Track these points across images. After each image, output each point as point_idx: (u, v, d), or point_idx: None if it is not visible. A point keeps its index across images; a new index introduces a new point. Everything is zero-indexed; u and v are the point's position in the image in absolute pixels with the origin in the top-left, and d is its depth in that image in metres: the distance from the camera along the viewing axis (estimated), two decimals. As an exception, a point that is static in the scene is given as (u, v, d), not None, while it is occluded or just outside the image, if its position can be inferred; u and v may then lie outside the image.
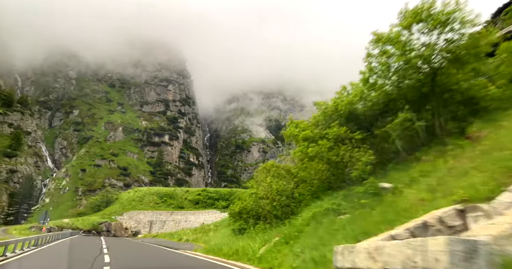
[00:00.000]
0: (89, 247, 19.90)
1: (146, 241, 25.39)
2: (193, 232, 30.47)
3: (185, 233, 30.99)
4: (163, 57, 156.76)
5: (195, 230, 30.51)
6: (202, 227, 32.06)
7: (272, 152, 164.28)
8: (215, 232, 25.01)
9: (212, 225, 31.30)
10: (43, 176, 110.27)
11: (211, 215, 59.49)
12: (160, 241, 25.44)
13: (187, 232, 31.75)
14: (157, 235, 37.72)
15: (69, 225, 47.12)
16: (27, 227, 44.25)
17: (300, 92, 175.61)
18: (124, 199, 62.19)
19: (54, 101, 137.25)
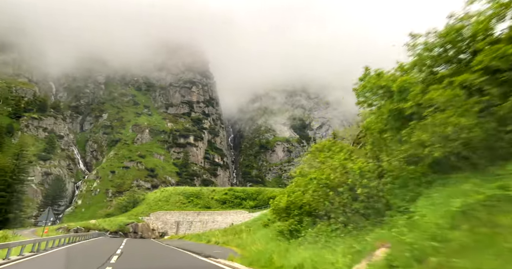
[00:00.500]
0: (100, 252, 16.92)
1: (172, 244, 22.14)
2: (222, 233, 27.06)
3: (214, 235, 27.64)
4: (186, 59, 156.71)
5: (225, 231, 27.08)
6: (233, 227, 28.57)
7: (297, 151, 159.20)
8: (249, 234, 21.43)
9: (242, 225, 27.74)
10: (76, 179, 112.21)
11: (239, 216, 56.17)
12: (187, 244, 22.14)
13: (215, 233, 28.39)
14: (184, 237, 34.79)
15: (95, 226, 45.41)
16: (55, 228, 42.85)
17: (324, 89, 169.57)
18: (151, 199, 60.32)
19: (85, 106, 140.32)
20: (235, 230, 25.22)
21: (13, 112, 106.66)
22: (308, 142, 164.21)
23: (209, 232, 30.80)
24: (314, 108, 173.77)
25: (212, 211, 58.45)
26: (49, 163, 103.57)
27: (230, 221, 55.77)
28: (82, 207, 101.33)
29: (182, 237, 34.65)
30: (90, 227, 44.91)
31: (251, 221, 30.21)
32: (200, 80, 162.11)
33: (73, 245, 20.72)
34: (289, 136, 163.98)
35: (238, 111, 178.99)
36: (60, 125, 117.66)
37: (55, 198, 51.72)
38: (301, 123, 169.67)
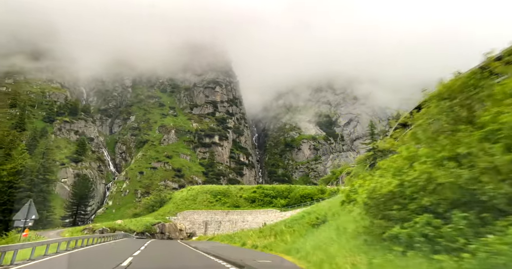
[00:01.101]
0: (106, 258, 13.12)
1: (200, 247, 17.90)
2: (258, 234, 22.59)
3: (248, 236, 23.26)
4: (209, 59, 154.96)
5: (261, 232, 22.60)
6: (269, 228, 24.00)
7: (324, 149, 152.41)
8: (294, 236, 16.81)
9: (282, 225, 23.08)
10: (106, 180, 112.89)
11: (270, 215, 51.58)
12: (219, 248, 17.86)
13: (249, 234, 23.99)
14: (213, 238, 30.75)
15: (121, 226, 42.56)
16: (81, 228, 40.43)
17: (351, 84, 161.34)
18: (178, 198, 57.19)
19: (113, 109, 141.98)
20: (273, 231, 20.67)
21: (47, 116, 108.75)
22: (336, 139, 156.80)
23: (241, 233, 26.44)
24: (341, 104, 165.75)
25: (241, 210, 54.29)
26: (81, 165, 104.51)
27: (261, 220, 51.28)
28: (113, 208, 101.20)
29: (212, 238, 30.63)
30: (116, 228, 42.14)
31: (289, 220, 25.50)
32: (223, 79, 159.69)
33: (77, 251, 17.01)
34: (315, 134, 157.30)
35: (262, 109, 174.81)
36: (90, 127, 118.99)
37: (82, 198, 49.99)
38: (328, 120, 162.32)
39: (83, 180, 55.24)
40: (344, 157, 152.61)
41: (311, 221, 17.90)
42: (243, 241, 20.71)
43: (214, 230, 51.56)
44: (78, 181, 57.14)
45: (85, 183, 53.20)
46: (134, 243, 25.35)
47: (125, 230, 42.86)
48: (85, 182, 53.89)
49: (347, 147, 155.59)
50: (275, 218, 50.25)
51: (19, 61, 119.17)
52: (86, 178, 57.64)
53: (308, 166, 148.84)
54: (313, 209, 24.88)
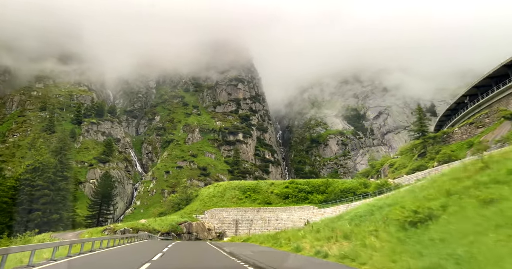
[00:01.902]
0: None
1: (240, 254, 12.12)
2: (313, 235, 16.44)
3: (299, 237, 17.28)
4: (231, 57, 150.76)
5: (318, 232, 16.51)
6: (326, 226, 17.81)
7: (353, 144, 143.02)
8: (383, 240, 10.56)
9: (343, 223, 16.85)
10: (134, 180, 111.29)
11: (307, 212, 45.19)
12: (266, 255, 12.22)
13: (300, 234, 17.95)
14: (249, 239, 24.97)
15: (145, 226, 37.92)
16: (101, 229, 36.19)
17: (379, 74, 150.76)
18: (204, 195, 52.15)
19: (139, 110, 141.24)
20: (337, 231, 14.47)
21: (75, 118, 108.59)
22: (365, 133, 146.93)
23: (287, 233, 20.41)
24: (369, 96, 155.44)
25: (274, 207, 48.28)
26: (108, 165, 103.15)
27: (297, 218, 45.02)
28: (141, 208, 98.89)
29: (247, 239, 24.85)
30: (139, 228, 37.52)
31: (349, 216, 19.17)
32: (246, 76, 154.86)
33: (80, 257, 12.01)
34: (343, 128, 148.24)
35: (285, 106, 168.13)
36: (116, 128, 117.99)
37: (105, 197, 46.35)
38: (355, 113, 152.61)
39: (106, 178, 51.56)
40: (375, 151, 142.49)
41: (405, 217, 11.62)
42: (296, 245, 14.71)
43: (245, 229, 45.91)
44: (101, 179, 53.60)
45: (107, 181, 49.53)
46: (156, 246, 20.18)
47: (149, 230, 38.17)
48: (108, 180, 50.25)
49: (378, 141, 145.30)
50: (313, 216, 43.80)
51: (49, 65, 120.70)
52: (109, 176, 53.97)
53: (336, 162, 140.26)
54: (384, 201, 18.37)
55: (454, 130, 46.73)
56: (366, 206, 19.21)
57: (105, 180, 49.94)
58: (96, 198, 47.67)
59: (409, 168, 46.91)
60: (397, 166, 53.19)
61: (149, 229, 38.15)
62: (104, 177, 53.20)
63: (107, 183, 48.51)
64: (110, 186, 48.93)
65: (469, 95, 50.45)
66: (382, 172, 56.88)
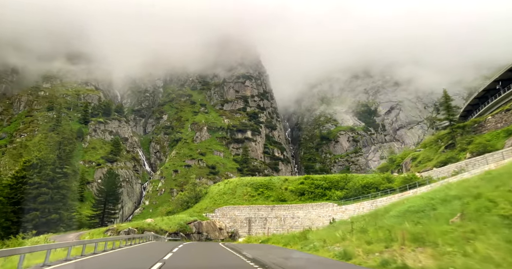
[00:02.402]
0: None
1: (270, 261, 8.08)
2: (356, 235, 12.56)
3: (333, 238, 13.45)
4: (237, 54, 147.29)
5: (363, 232, 12.62)
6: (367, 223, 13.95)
7: (365, 140, 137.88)
8: (480, 243, 6.67)
9: (400, 220, 12.93)
10: (142, 180, 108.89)
11: (327, 209, 41.19)
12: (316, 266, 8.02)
13: (333, 235, 14.08)
14: (268, 239, 21.09)
15: (151, 226, 34.51)
16: (103, 230, 32.90)
17: (390, 68, 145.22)
18: (214, 192, 48.61)
19: (146, 109, 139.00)
20: (388, 232, 10.59)
21: (82, 117, 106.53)
22: (376, 129, 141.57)
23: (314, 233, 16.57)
24: (380, 91, 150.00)
25: (289, 204, 44.43)
26: (116, 165, 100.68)
27: (315, 216, 41.07)
28: (150, 208, 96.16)
29: (267, 240, 20.98)
30: (144, 228, 34.14)
31: (396, 212, 15.25)
32: (253, 73, 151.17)
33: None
34: (353, 125, 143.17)
35: (294, 103, 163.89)
36: (124, 127, 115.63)
37: (109, 195, 43.17)
38: (366, 109, 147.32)
39: (110, 176, 48.26)
40: (387, 147, 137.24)
41: None
42: (342, 250, 10.87)
43: (259, 228, 42.17)
44: (105, 177, 50.27)
45: (112, 178, 46.31)
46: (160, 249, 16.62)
47: (156, 230, 34.76)
48: (112, 178, 47.02)
49: (390, 137, 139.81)
50: (333, 213, 39.80)
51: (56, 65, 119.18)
52: (113, 173, 50.58)
53: (347, 159, 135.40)
54: (446, 193, 14.32)
55: (486, 119, 42.15)
56: (419, 200, 15.19)
57: (109, 178, 46.72)
58: (100, 197, 44.55)
59: (437, 161, 42.49)
60: (420, 160, 48.73)
61: (155, 229, 34.73)
62: (108, 174, 49.83)
63: (111, 180, 45.33)
64: (114, 183, 45.76)
65: (501, 80, 45.65)
66: (403, 167, 52.44)
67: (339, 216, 38.38)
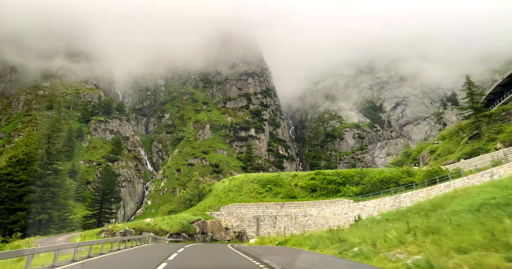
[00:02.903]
0: None
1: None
2: (433, 241, 8.62)
3: (387, 241, 9.47)
4: (239, 51, 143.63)
5: (411, 231, 8.89)
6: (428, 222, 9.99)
7: (371, 137, 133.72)
8: None
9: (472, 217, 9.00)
10: (144, 179, 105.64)
11: (341, 206, 37.31)
12: None
13: (383, 236, 10.15)
14: (287, 241, 17.13)
15: (150, 226, 30.80)
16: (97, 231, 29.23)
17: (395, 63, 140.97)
18: (219, 190, 44.85)
19: (148, 108, 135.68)
20: (488, 235, 6.82)
21: (82, 116, 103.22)
22: (382, 126, 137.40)
23: (349, 233, 12.70)
24: (384, 87, 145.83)
25: (299, 201, 40.61)
26: (117, 164, 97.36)
27: (329, 214, 37.19)
28: (152, 208, 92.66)
29: (285, 242, 17.07)
30: (143, 229, 30.42)
31: (463, 207, 11.34)
32: (255, 70, 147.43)
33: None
34: (359, 121, 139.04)
35: (297, 100, 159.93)
36: (125, 126, 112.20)
37: (106, 194, 39.50)
38: (371, 105, 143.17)
39: (107, 173, 44.45)
40: (394, 144, 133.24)
41: None
42: (426, 260, 7.01)
43: (268, 227, 38.37)
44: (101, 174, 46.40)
45: (108, 176, 42.60)
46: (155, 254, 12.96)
47: (156, 231, 31.05)
48: (109, 175, 43.30)
49: (396, 133, 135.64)
50: (350, 210, 35.90)
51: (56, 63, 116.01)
52: (109, 170, 46.63)
53: (353, 156, 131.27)
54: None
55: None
56: (499, 190, 11.24)
57: (106, 175, 42.96)
58: (97, 196, 40.84)
59: (461, 153, 38.48)
60: (440, 153, 44.71)
61: (155, 229, 31.01)
62: (105, 171, 45.93)
63: (108, 178, 41.63)
64: (112, 181, 42.07)
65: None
66: (420, 160, 48.45)
67: (356, 213, 34.49)
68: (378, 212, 32.02)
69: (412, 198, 29.28)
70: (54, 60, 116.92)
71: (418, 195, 28.69)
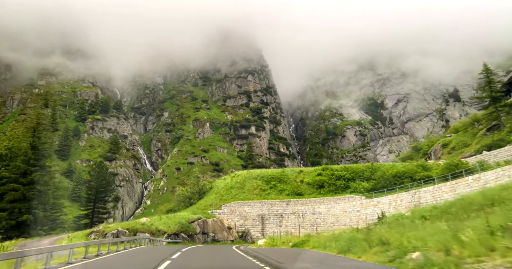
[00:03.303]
0: None
1: None
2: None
3: (465, 244, 6.36)
4: (238, 49, 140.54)
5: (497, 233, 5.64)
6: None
7: (373, 134, 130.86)
8: None
9: None
10: (143, 179, 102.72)
11: (353, 203, 34.33)
12: None
13: (441, 239, 7.08)
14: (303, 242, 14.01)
15: (145, 227, 27.77)
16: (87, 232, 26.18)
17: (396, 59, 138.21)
18: (220, 187, 41.85)
19: (146, 107, 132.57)
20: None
21: (79, 115, 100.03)
22: (384, 123, 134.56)
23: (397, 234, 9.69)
24: (385, 84, 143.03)
25: (306, 198, 37.65)
26: (115, 163, 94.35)
27: (340, 211, 34.22)
28: (151, 207, 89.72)
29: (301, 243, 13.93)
30: (137, 229, 27.41)
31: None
32: (255, 68, 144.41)
33: None
34: (360, 119, 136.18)
35: (298, 98, 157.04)
36: (123, 125, 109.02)
37: (99, 192, 36.38)
38: (372, 102, 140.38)
39: (100, 169, 41.13)
40: (396, 141, 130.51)
41: None
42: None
43: (274, 226, 35.40)
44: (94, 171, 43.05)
45: (102, 173, 39.40)
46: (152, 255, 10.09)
47: (152, 231, 28.05)
48: (102, 172, 40.08)
49: (398, 130, 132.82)
50: (362, 207, 32.92)
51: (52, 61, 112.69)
52: (103, 166, 43.22)
53: (355, 154, 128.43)
54: None
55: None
56: None
57: (99, 172, 39.71)
58: (90, 194, 37.69)
59: (480, 145, 35.58)
60: (454, 146, 41.81)
61: (151, 230, 27.98)
62: (98, 168, 42.46)
63: (101, 175, 38.47)
64: (105, 178, 38.93)
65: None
66: (432, 155, 45.54)
67: (370, 210, 31.57)
68: (394, 209, 29.09)
69: (434, 193, 26.36)
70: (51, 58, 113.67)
71: (441, 189, 25.76)
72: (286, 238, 15.79)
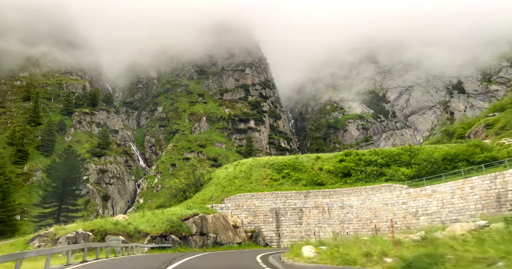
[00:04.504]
0: None
1: None
2: None
3: None
4: (235, 41, 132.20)
5: None
6: None
7: (375, 128, 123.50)
8: None
9: None
10: (136, 176, 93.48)
11: (393, 193, 25.87)
12: None
13: None
14: (434, 258, 6.22)
15: (119, 227, 19.07)
16: (30, 237, 17.45)
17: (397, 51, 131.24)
18: (221, 177, 33.30)
19: (139, 101, 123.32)
20: None
21: (64, 108, 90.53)
22: (386, 116, 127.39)
23: None
24: (387, 77, 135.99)
25: (330, 188, 29.32)
26: (104, 160, 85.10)
27: (379, 204, 25.89)
28: (144, 206, 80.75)
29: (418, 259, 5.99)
30: (107, 230, 18.69)
31: None
32: (253, 61, 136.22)
33: None
34: (362, 112, 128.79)
35: (297, 92, 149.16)
36: (113, 119, 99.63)
37: (67, 184, 27.40)
38: (374, 95, 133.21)
39: (68, 156, 31.48)
40: (399, 135, 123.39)
41: None
42: None
43: (292, 224, 26.90)
44: (60, 158, 33.32)
45: (70, 160, 30.20)
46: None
47: (129, 232, 19.39)
48: (71, 159, 30.81)
49: (401, 123, 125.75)
50: (410, 199, 24.47)
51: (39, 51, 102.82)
52: (72, 152, 33.48)
53: (358, 148, 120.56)
54: None
55: None
56: None
57: (66, 159, 30.33)
58: (55, 187, 28.44)
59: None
60: (503, 125, 33.86)
61: (127, 231, 19.25)
62: (65, 154, 32.63)
63: (69, 162, 29.42)
64: (74, 167, 29.78)
65: None
66: (472, 137, 37.64)
67: (422, 202, 23.25)
68: (461, 199, 20.85)
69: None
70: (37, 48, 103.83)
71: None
72: (370, 247, 7.44)
